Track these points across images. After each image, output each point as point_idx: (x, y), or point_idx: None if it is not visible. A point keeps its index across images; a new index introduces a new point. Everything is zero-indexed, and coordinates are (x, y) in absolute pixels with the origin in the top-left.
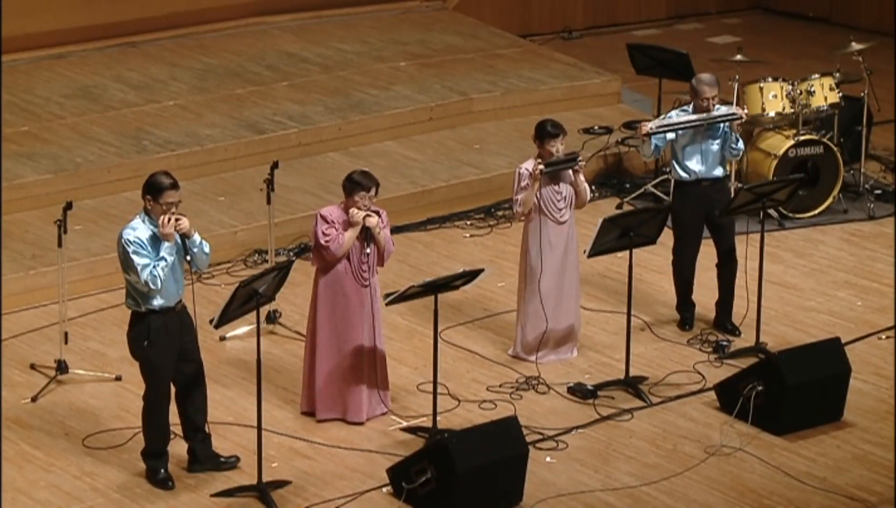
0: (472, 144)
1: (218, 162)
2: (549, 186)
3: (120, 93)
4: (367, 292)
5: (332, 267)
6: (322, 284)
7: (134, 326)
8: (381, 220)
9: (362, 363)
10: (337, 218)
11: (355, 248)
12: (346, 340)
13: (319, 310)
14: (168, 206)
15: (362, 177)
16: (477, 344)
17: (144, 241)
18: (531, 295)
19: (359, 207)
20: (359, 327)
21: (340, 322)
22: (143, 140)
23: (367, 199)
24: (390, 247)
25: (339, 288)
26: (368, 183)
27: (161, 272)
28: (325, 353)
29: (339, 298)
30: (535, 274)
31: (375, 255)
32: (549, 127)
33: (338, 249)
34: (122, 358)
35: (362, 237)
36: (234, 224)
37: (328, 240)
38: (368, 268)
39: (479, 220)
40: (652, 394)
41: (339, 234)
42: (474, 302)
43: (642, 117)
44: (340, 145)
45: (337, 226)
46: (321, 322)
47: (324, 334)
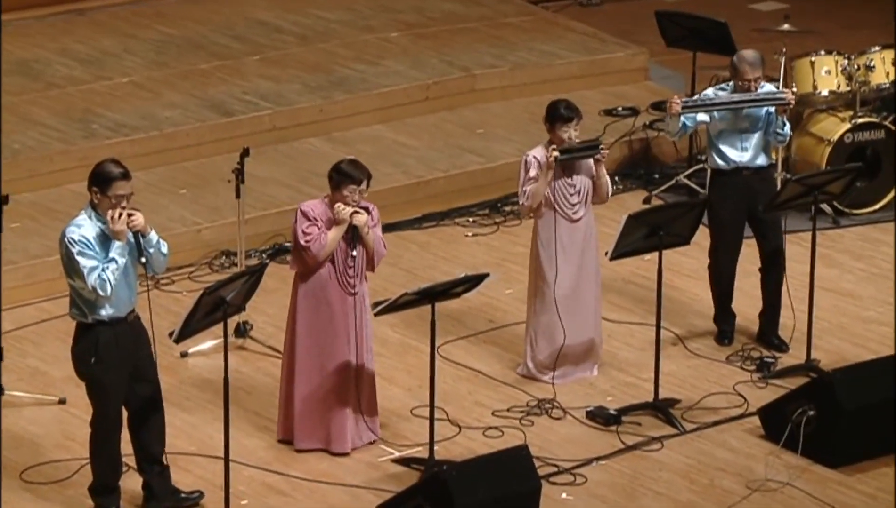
0: (474, 128)
1: (179, 148)
2: (561, 178)
3: (65, 69)
4: (353, 301)
5: (313, 271)
6: (302, 292)
7: (79, 340)
8: (370, 218)
9: (348, 383)
10: (320, 214)
11: (340, 250)
12: (330, 357)
13: (299, 322)
14: (118, 200)
15: (352, 167)
16: (481, 361)
17: (91, 240)
18: (543, 304)
19: (346, 203)
20: (344, 341)
21: (323, 335)
22: (91, 123)
23: (357, 194)
24: (381, 250)
25: (321, 297)
26: (359, 175)
27: (111, 276)
28: (304, 372)
29: (321, 308)
30: (547, 279)
31: (364, 259)
32: (561, 109)
33: (320, 250)
34: (66, 377)
35: (349, 237)
36: (198, 221)
37: (309, 240)
38: (356, 274)
39: (484, 217)
40: (685, 420)
41: (321, 233)
42: (477, 312)
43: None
44: (321, 129)
45: (320, 224)
46: (300, 335)
47: (303, 349)
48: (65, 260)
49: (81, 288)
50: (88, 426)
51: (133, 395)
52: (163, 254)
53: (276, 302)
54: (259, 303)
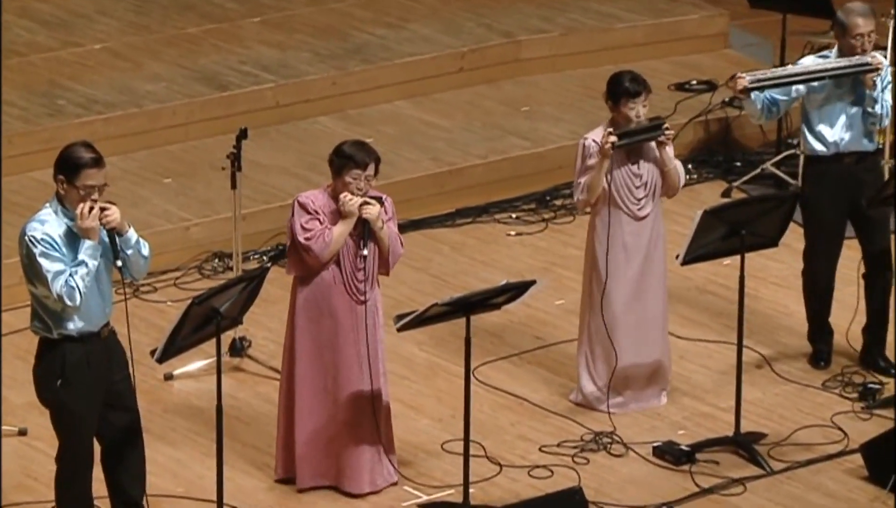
0: (518, 106)
1: (163, 129)
2: (624, 166)
3: (26, 33)
4: (363, 311)
5: (314, 275)
6: (301, 300)
7: (43, 359)
8: (383, 211)
9: (360, 410)
10: (322, 206)
11: (348, 250)
12: (337, 378)
13: (298, 337)
14: (89, 191)
15: (355, 149)
16: (526, 386)
17: (57, 240)
18: (601, 318)
19: (352, 191)
20: (352, 359)
21: (328, 352)
22: (57, 98)
23: (363, 180)
24: (397, 248)
25: (324, 306)
26: (363, 157)
27: (80, 282)
28: (307, 397)
29: (324, 320)
30: (606, 288)
31: (376, 259)
32: (626, 82)
33: (323, 250)
34: (27, 404)
35: (358, 234)
36: (186, 216)
37: (309, 238)
38: (366, 277)
39: (529, 212)
40: (772, 458)
41: (325, 229)
42: (522, 327)
43: (758, 68)
44: (334, 106)
45: (322, 218)
46: (301, 353)
47: (304, 370)
48: (25, 263)
49: (45, 296)
50: (54, 462)
51: (107, 426)
52: (143, 256)
53: (279, 314)
54: (259, 316)
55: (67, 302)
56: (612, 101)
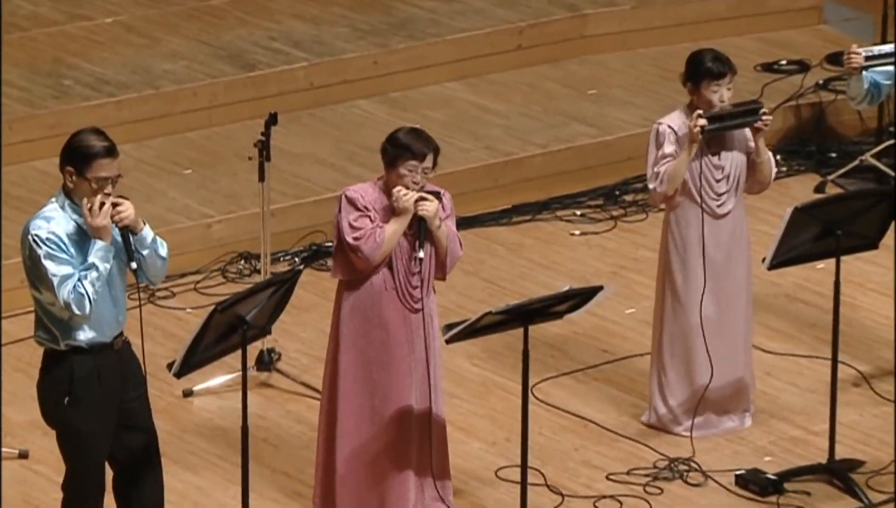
0: (584, 88)
1: (182, 114)
2: (703, 157)
3: (28, 5)
4: (418, 321)
5: (363, 281)
6: (348, 308)
7: (48, 373)
8: (441, 207)
9: (410, 434)
10: (373, 201)
11: (401, 251)
12: (386, 397)
13: (343, 350)
14: (101, 183)
15: (412, 137)
16: (591, 405)
17: (64, 239)
18: (677, 329)
19: (406, 185)
20: (405, 375)
21: (376, 368)
22: (63, 78)
23: (420, 173)
24: (456, 250)
25: (374, 315)
26: (421, 146)
27: (90, 288)
28: (350, 417)
29: (374, 331)
30: (683, 295)
31: (433, 262)
32: (708, 61)
33: (374, 251)
34: (29, 423)
35: (413, 233)
36: (208, 212)
37: (359, 237)
38: (422, 283)
39: (596, 209)
40: (870, 488)
41: (376, 228)
42: (587, 338)
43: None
44: (375, 88)
45: (373, 215)
46: (345, 368)
47: (349, 387)
48: (28, 266)
49: (50, 303)
50: (60, 489)
51: (120, 448)
52: (160, 257)
53: (312, 323)
54: (289, 325)
55: (76, 311)
56: (691, 84)
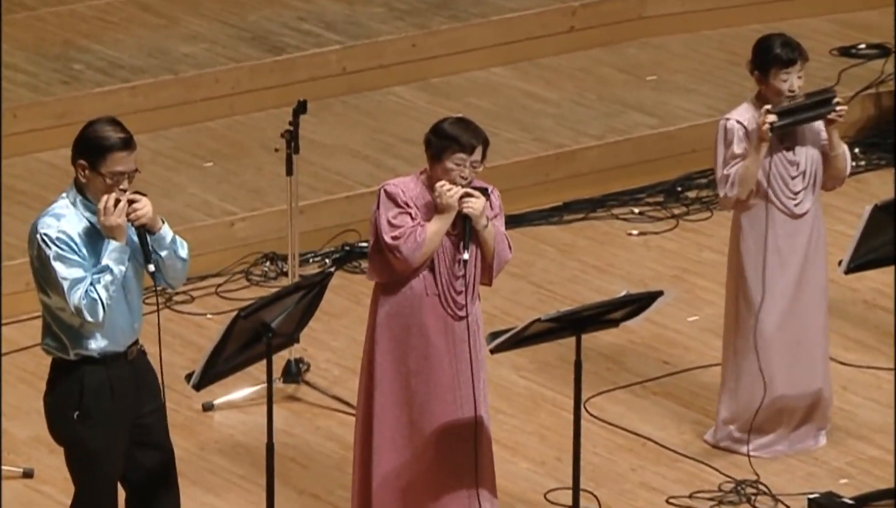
0: (643, 74)
1: (203, 101)
2: (776, 152)
3: None
4: (462, 329)
5: (402, 284)
6: (384, 314)
7: (56, 385)
8: (489, 205)
9: (453, 453)
10: (414, 197)
11: (444, 252)
12: (427, 412)
13: (379, 359)
14: (116, 178)
15: (460, 128)
16: (649, 422)
17: (76, 239)
18: (746, 339)
19: (453, 181)
20: (447, 388)
21: (416, 380)
22: (73, 63)
23: (469, 168)
24: (505, 252)
25: (413, 322)
26: (469, 138)
27: (104, 293)
28: (388, 435)
29: (414, 340)
30: (753, 302)
31: (479, 265)
32: (777, 47)
33: (414, 252)
34: (34, 439)
35: (457, 233)
36: (230, 209)
37: (398, 237)
38: (466, 288)
39: (656, 207)
40: None
41: (416, 226)
42: (646, 349)
43: None
44: (414, 73)
45: (414, 212)
46: (382, 378)
47: (387, 399)
48: (36, 267)
49: (59, 308)
50: None
51: (134, 467)
52: (180, 258)
53: (344, 330)
54: (319, 333)
55: (87, 317)
56: (759, 71)
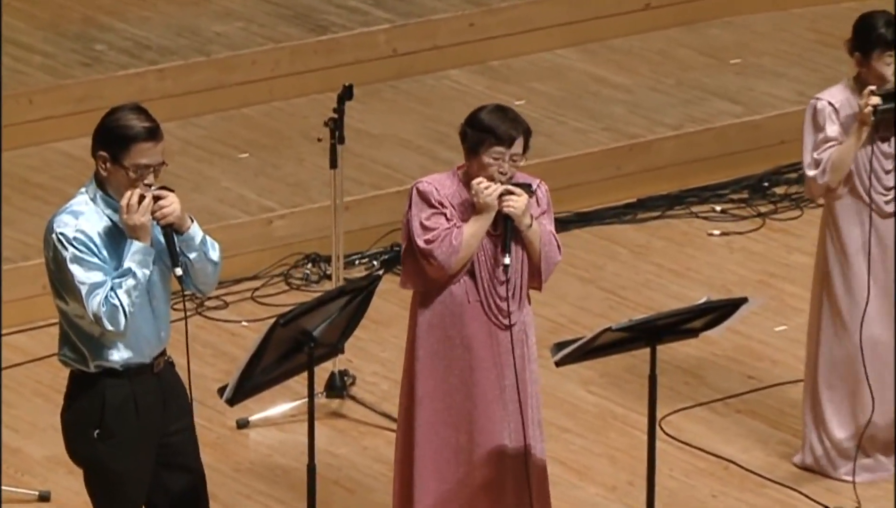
0: (727, 57)
1: (238, 86)
2: (871, 143)
3: None
4: (506, 339)
5: (440, 291)
6: (424, 325)
7: (75, 400)
8: (535, 202)
9: (503, 477)
10: (450, 195)
11: (485, 256)
12: (473, 433)
13: (420, 374)
14: (141, 172)
15: (497, 118)
16: (731, 443)
17: (95, 239)
18: (839, 351)
19: (492, 176)
20: (494, 407)
21: (460, 397)
22: (94, 42)
23: (508, 161)
24: (553, 254)
25: (455, 332)
26: (508, 129)
27: (126, 298)
28: (431, 458)
29: (455, 351)
30: (845, 310)
31: (525, 269)
32: (880, 27)
33: (450, 256)
34: (50, 459)
35: (498, 234)
36: (268, 205)
37: (431, 240)
38: (512, 293)
39: (740, 204)
40: None
41: (452, 228)
42: (728, 362)
43: None
44: (471, 55)
45: (449, 213)
46: (424, 395)
47: (429, 417)
48: (52, 270)
49: (78, 315)
50: None
51: (161, 490)
52: (211, 261)
53: (393, 340)
54: (366, 342)
55: (108, 325)
56: (859, 54)
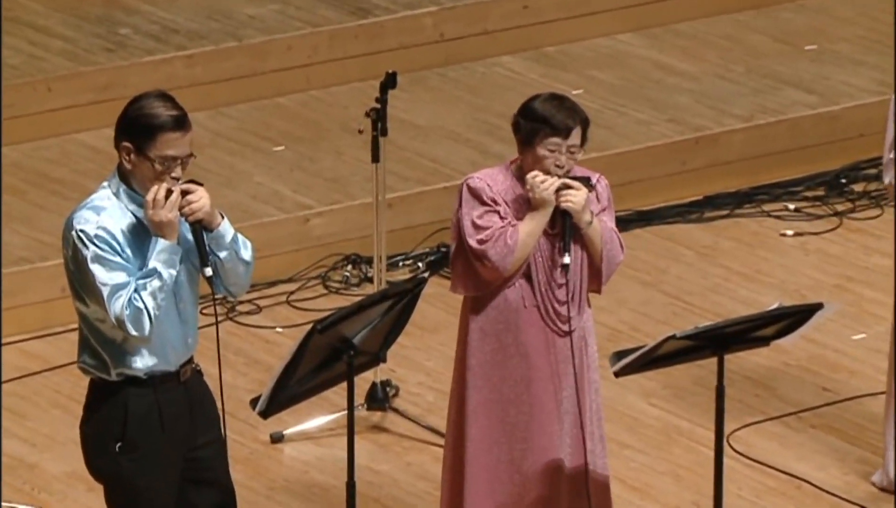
0: (801, 43)
1: (272, 73)
2: None
3: None
4: (565, 346)
5: (494, 295)
6: (477, 333)
7: (96, 411)
8: (594, 198)
9: (560, 495)
10: (503, 191)
11: (542, 256)
12: (528, 448)
13: (471, 387)
14: (167, 164)
15: (552, 107)
16: (807, 460)
17: (118, 237)
18: None
19: (547, 170)
20: (552, 420)
21: (515, 410)
22: (118, 26)
23: (564, 154)
24: (616, 254)
25: (509, 339)
26: (564, 119)
27: (151, 301)
28: (483, 475)
29: (510, 360)
30: None
31: (584, 270)
32: None
33: (504, 258)
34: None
35: (556, 233)
36: (305, 201)
37: (484, 240)
38: (571, 297)
39: (815, 203)
40: None
41: (506, 227)
42: (802, 372)
43: None
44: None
45: (503, 211)
46: (475, 407)
47: (481, 432)
48: (71, 270)
49: (99, 319)
50: None
51: None
52: (243, 261)
53: (439, 348)
54: (410, 351)
55: (131, 330)
56: None
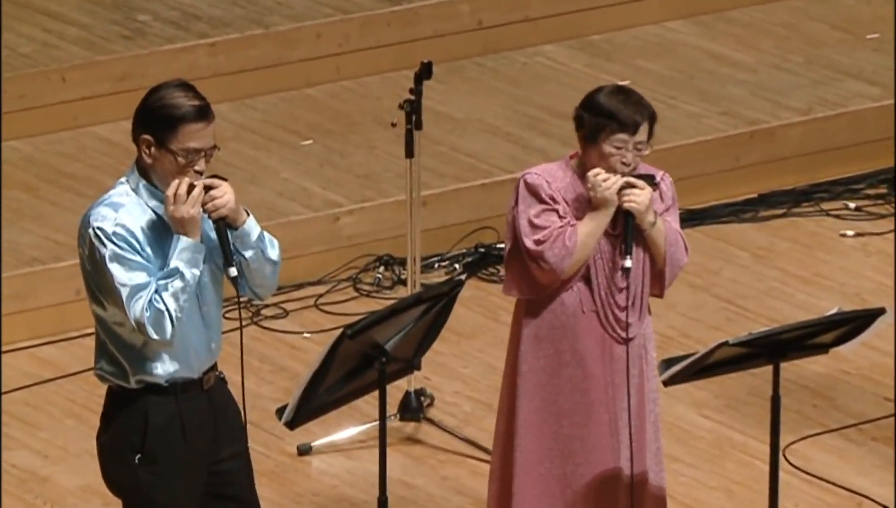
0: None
1: (300, 63)
2: None
3: None
4: (624, 355)
5: (551, 299)
6: (531, 338)
7: (114, 421)
8: (658, 197)
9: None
10: (562, 189)
11: (602, 259)
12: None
13: (523, 396)
14: (189, 158)
15: (619, 101)
16: (867, 474)
17: (138, 235)
18: None
19: (612, 167)
20: (608, 433)
21: (571, 423)
22: (136, 12)
23: (631, 151)
24: (680, 256)
25: (565, 347)
26: (632, 114)
27: (173, 303)
28: (534, 490)
29: (565, 369)
30: None
31: (646, 274)
32: None
33: (563, 259)
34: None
35: (616, 234)
36: (335, 199)
37: (541, 240)
38: (632, 303)
39: (877, 201)
40: None
41: (565, 227)
42: (863, 382)
43: None
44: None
45: (562, 209)
46: (527, 418)
47: (532, 444)
48: (88, 271)
49: (117, 323)
50: None
51: None
52: (270, 260)
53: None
54: (446, 357)
55: (152, 334)
56: None
